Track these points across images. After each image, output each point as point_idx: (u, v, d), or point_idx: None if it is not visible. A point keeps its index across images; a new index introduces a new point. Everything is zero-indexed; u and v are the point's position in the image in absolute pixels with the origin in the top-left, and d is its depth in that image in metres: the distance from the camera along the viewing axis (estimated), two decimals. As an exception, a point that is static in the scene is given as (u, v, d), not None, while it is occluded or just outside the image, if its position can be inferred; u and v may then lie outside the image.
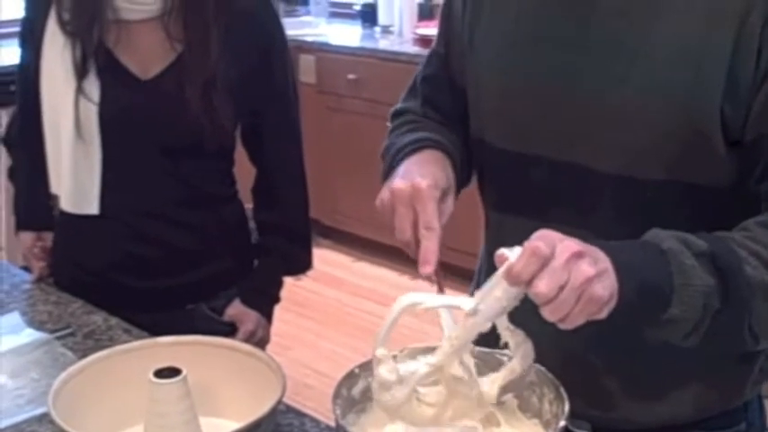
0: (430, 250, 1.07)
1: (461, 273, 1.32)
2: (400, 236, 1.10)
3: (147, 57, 1.66)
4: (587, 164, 1.18)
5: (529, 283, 0.93)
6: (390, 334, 1.02)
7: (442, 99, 1.40)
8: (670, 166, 1.14)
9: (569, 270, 0.94)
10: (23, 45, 1.78)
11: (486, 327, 0.99)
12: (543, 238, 0.95)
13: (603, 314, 0.98)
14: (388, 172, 1.24)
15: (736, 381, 1.27)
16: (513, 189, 1.29)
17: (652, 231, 1.07)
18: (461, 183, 1.32)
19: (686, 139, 1.12)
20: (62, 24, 1.64)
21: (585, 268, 0.94)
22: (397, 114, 1.44)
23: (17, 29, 1.80)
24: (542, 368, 1.08)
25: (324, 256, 4.50)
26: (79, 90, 1.63)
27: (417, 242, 1.08)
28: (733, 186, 1.15)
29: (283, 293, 1.88)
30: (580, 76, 1.17)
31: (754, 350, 1.15)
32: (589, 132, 1.17)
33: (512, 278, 0.94)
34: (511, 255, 0.96)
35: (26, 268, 1.89)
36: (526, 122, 1.24)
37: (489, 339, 1.03)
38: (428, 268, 1.07)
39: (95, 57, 1.63)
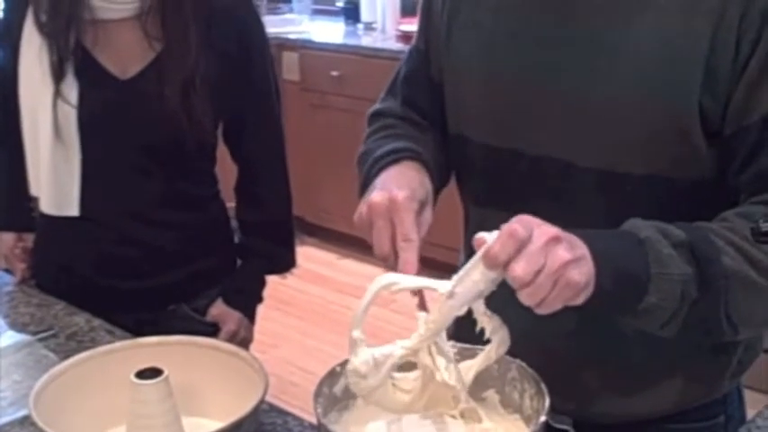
0: (409, 262, 1.06)
1: (443, 267, 1.32)
2: (379, 251, 1.09)
3: (126, 56, 1.66)
4: (568, 158, 1.19)
5: (506, 266, 0.94)
6: (366, 315, 1.01)
7: (421, 98, 1.40)
8: (650, 161, 1.15)
9: (546, 254, 0.94)
10: (1, 45, 1.77)
11: (463, 311, 0.99)
12: (521, 222, 0.96)
13: (580, 300, 0.98)
14: (365, 183, 1.25)
15: (715, 373, 1.28)
16: (494, 184, 1.30)
17: (630, 221, 1.09)
18: (439, 188, 1.32)
19: (666, 133, 1.13)
20: (39, 26, 1.63)
21: (562, 253, 0.95)
22: (375, 116, 1.44)
23: None
24: (523, 364, 1.08)
25: (308, 254, 4.51)
26: (57, 93, 1.62)
27: (396, 256, 1.08)
28: (712, 179, 1.16)
29: (268, 291, 1.89)
30: (560, 72, 1.18)
31: (732, 340, 1.17)
32: (569, 127, 1.18)
33: (489, 260, 0.94)
34: (489, 238, 0.96)
35: (7, 270, 1.88)
36: (507, 117, 1.25)
37: (465, 325, 1.03)
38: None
39: (73, 58, 1.63)
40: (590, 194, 1.19)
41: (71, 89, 1.63)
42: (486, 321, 1.02)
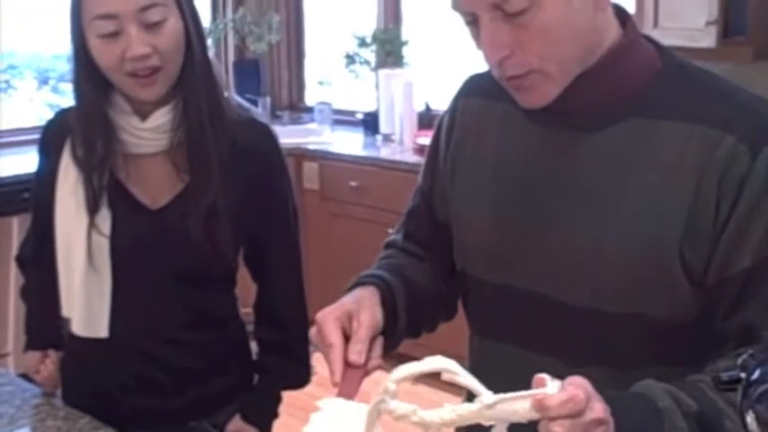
0: (333, 362, 1.21)
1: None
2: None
3: (157, 188, 1.75)
4: (559, 296, 1.27)
5: (551, 419, 1.00)
6: (408, 380, 1.07)
7: (422, 234, 1.50)
8: (636, 303, 1.22)
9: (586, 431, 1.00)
10: (42, 152, 1.83)
11: (487, 423, 1.04)
12: (583, 389, 1.01)
13: None
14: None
15: None
16: (493, 317, 1.38)
17: (646, 384, 1.14)
18: (420, 309, 1.42)
19: (651, 280, 1.20)
20: (76, 160, 1.73)
21: None
22: (386, 246, 1.55)
23: (19, 138, 1.87)
24: None
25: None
26: (91, 225, 1.70)
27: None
28: (696, 322, 1.23)
29: (285, 398, 1.93)
30: (554, 219, 1.27)
31: None
32: (561, 269, 1.26)
33: (541, 408, 0.99)
34: (550, 385, 1.02)
35: (28, 377, 1.94)
36: (504, 257, 1.33)
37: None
38: (334, 378, 1.22)
39: (107, 190, 1.72)
40: (579, 331, 1.26)
41: (105, 220, 1.72)
42: None
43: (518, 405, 1.03)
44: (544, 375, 1.03)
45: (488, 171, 1.35)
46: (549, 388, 1.02)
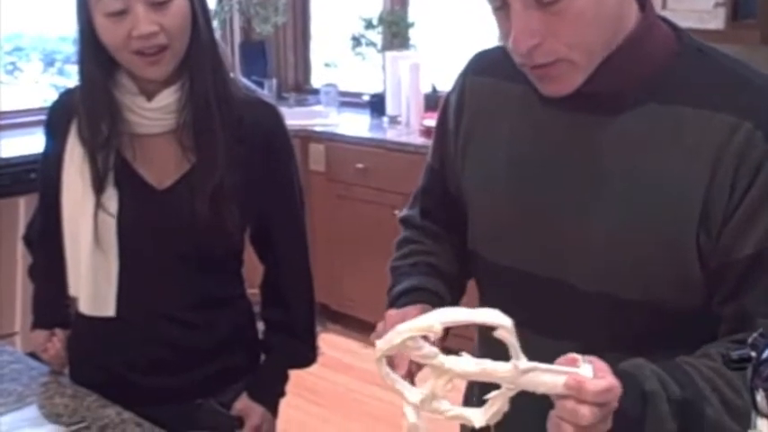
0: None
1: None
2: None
3: (163, 168, 1.75)
4: (570, 281, 1.27)
5: (580, 400, 1.02)
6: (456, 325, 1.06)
7: (438, 212, 1.50)
8: (650, 288, 1.22)
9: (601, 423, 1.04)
10: (48, 133, 1.84)
11: (513, 391, 1.05)
12: (613, 376, 1.05)
13: None
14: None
15: None
16: (503, 300, 1.37)
17: (637, 363, 1.15)
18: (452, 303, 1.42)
19: (666, 266, 1.20)
20: (82, 140, 1.73)
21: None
22: (402, 222, 1.55)
23: (25, 119, 1.86)
24: None
25: (332, 342, 4.56)
26: (98, 204, 1.71)
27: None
28: (702, 305, 1.23)
29: (292, 378, 1.94)
30: (569, 203, 1.26)
31: None
32: (573, 255, 1.26)
33: (579, 389, 1.03)
34: (583, 367, 1.04)
35: (36, 356, 1.95)
36: (515, 242, 1.33)
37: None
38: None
39: (113, 169, 1.72)
40: (592, 316, 1.26)
41: (111, 200, 1.72)
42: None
43: (548, 378, 1.03)
44: (576, 355, 1.05)
45: (502, 153, 1.34)
46: (584, 370, 1.03)
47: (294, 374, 1.95)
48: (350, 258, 4.61)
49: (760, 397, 0.87)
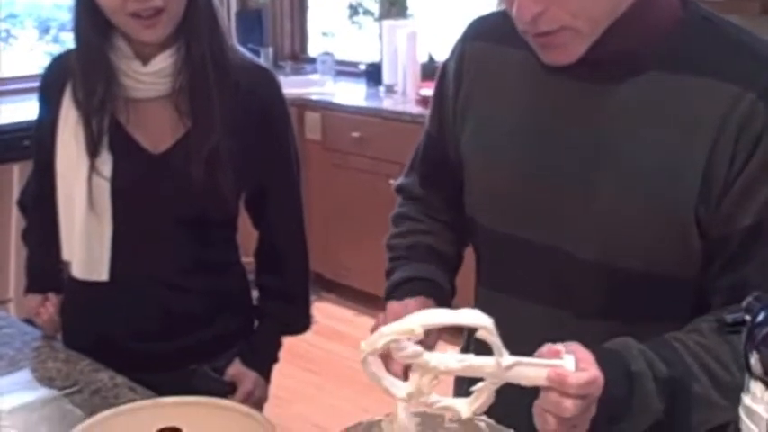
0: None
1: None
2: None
3: (158, 132, 1.74)
4: (568, 249, 1.26)
5: (563, 393, 1.03)
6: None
7: (439, 179, 1.49)
8: (648, 258, 1.21)
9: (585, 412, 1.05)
10: (43, 98, 1.83)
11: (498, 383, 1.06)
12: (594, 366, 1.06)
13: None
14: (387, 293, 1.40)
15: None
16: (500, 268, 1.37)
17: (625, 342, 1.15)
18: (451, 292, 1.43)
19: (666, 236, 1.20)
20: (76, 103, 1.72)
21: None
22: (399, 190, 1.54)
23: (19, 85, 1.85)
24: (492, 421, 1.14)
25: (326, 310, 4.57)
26: (92, 168, 1.70)
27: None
28: (698, 277, 1.23)
29: (286, 346, 1.94)
30: (566, 173, 1.25)
31: None
32: (572, 223, 1.25)
33: (561, 383, 1.03)
34: (566, 359, 1.04)
35: (31, 321, 1.95)
36: (513, 208, 1.32)
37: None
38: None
39: (108, 133, 1.71)
40: (589, 285, 1.25)
41: (105, 164, 1.71)
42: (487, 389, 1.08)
43: (532, 371, 1.04)
44: (559, 347, 1.05)
45: (503, 120, 1.33)
46: (566, 362, 1.03)
47: (287, 342, 1.95)
48: (345, 227, 4.61)
49: (754, 360, 0.87)
